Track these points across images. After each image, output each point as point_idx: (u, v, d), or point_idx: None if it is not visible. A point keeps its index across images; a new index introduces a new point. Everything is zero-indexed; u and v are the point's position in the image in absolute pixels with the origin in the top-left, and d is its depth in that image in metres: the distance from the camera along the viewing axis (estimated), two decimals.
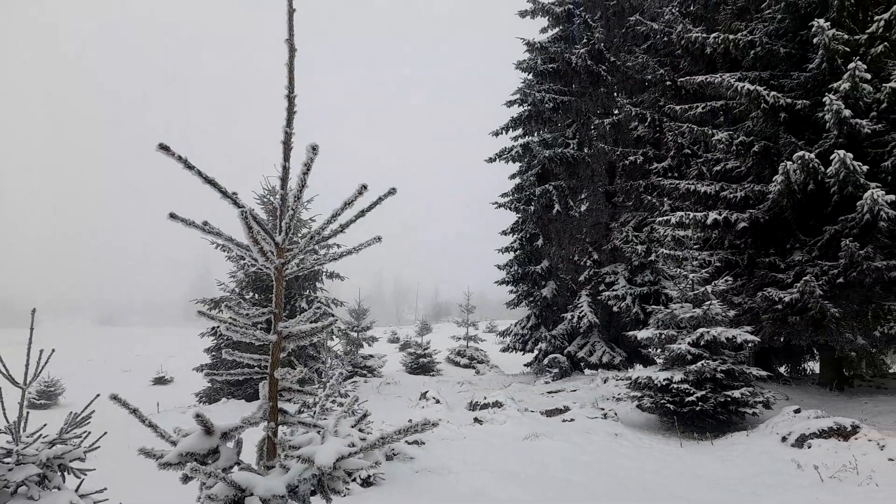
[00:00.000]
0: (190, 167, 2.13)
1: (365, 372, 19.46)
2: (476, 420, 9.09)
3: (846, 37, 11.07)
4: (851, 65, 10.44)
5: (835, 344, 11.02)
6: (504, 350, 20.06)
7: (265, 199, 16.93)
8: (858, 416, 9.23)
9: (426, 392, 12.05)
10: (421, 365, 23.26)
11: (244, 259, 15.93)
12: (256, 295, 16.35)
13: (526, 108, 18.79)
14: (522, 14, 19.61)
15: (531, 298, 18.82)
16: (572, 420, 9.49)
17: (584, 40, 17.22)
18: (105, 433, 4.09)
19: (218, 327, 16.18)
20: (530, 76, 19.22)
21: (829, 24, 10.89)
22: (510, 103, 19.45)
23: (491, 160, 19.66)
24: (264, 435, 2.48)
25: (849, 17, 11.65)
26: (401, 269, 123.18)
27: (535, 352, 18.52)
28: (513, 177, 20.39)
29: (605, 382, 13.24)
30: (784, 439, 7.81)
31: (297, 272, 2.64)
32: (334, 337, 19.26)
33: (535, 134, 19.26)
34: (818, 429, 7.62)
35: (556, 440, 8.08)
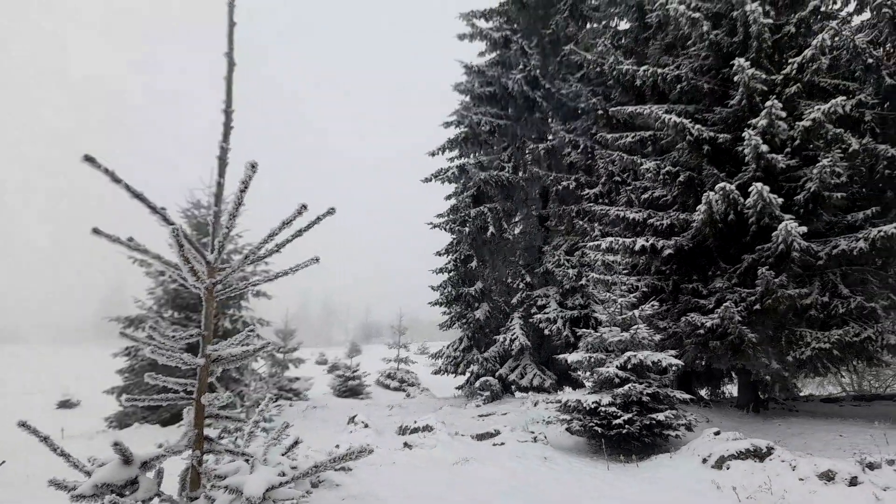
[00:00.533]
0: (117, 180, 1.95)
1: (290, 395, 18.85)
2: (406, 445, 8.88)
3: (764, 76, 11.74)
4: (769, 103, 11.06)
5: (751, 368, 11.48)
6: (436, 372, 19.91)
7: (189, 213, 16.18)
8: (773, 437, 9.60)
9: (355, 416, 11.73)
10: (350, 388, 22.78)
11: (164, 275, 15.15)
12: (176, 313, 15.55)
13: (463, 129, 18.96)
14: (461, 37, 19.87)
15: (464, 320, 18.80)
16: (503, 444, 9.43)
17: (521, 66, 17.58)
18: (3, 462, 3.69)
19: (134, 347, 15.26)
20: (467, 98, 19.44)
21: (748, 63, 11.52)
22: (447, 124, 19.58)
23: (427, 180, 19.66)
24: (188, 464, 2.28)
25: (766, 58, 12.38)
26: (331, 287, 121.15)
27: (467, 374, 18.46)
28: (448, 197, 20.46)
29: (535, 405, 13.30)
30: (705, 461, 8.00)
31: (229, 292, 2.46)
32: (258, 359, 18.59)
33: (472, 156, 19.44)
34: (736, 450, 7.84)
35: (487, 465, 7.98)
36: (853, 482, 6.84)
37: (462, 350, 18.60)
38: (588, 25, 19.10)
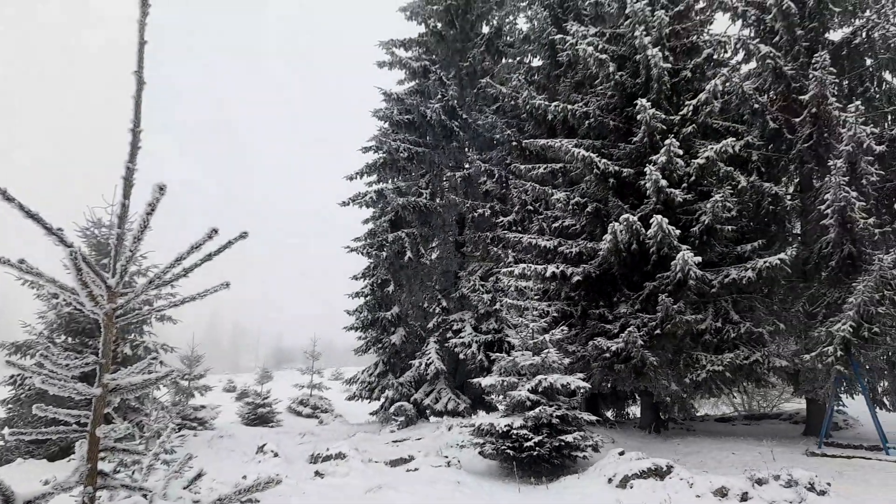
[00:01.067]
0: (9, 199, 1.88)
1: (195, 424, 17.96)
2: (317, 473, 8.70)
3: (663, 116, 12.61)
4: (668, 141, 11.88)
5: (653, 390, 12.09)
6: (350, 398, 19.58)
7: (89, 233, 15.27)
8: (672, 456, 10.13)
9: (264, 445, 11.34)
10: (259, 416, 21.97)
11: (58, 298, 14.16)
12: (70, 339, 14.53)
13: (381, 155, 19.07)
14: (381, 65, 20.10)
15: (380, 345, 18.67)
16: (416, 469, 9.42)
17: (440, 96, 17.97)
18: None
19: (19, 376, 14.10)
20: (386, 125, 19.60)
21: (650, 104, 12.36)
22: (366, 149, 19.63)
23: (345, 204, 19.55)
24: (79, 501, 2.17)
25: (665, 99, 13.31)
26: (242, 311, 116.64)
27: (382, 400, 18.29)
28: (366, 222, 20.42)
29: (449, 430, 13.36)
30: (610, 480, 8.33)
31: (131, 318, 2.39)
32: (161, 386, 17.64)
33: (390, 181, 19.55)
34: (639, 470, 8.22)
35: (400, 491, 7.94)
36: (744, 497, 7.34)
37: (377, 375, 18.44)
38: (503, 60, 19.83)
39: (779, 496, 7.29)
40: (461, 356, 16.63)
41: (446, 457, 10.33)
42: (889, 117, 12.71)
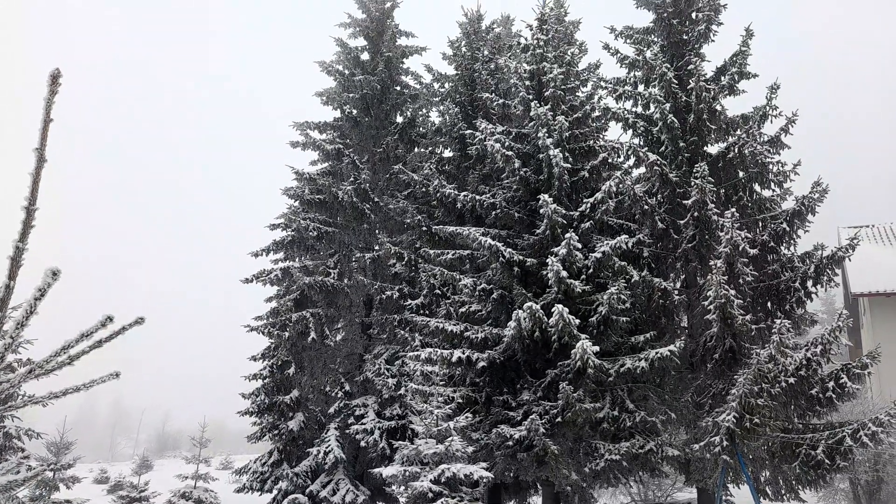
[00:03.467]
0: None
1: None
2: None
3: (564, 211, 13.39)
4: (567, 235, 12.58)
5: (554, 479, 12.12)
6: (239, 490, 18.22)
7: None
8: None
9: None
10: None
11: None
12: None
13: (290, 233, 18.87)
14: (294, 145, 20.27)
15: (276, 431, 17.70)
16: None
17: (352, 178, 18.24)
18: None
19: None
20: (296, 203, 19.54)
21: (552, 199, 13.11)
22: (273, 226, 19.38)
23: (248, 281, 18.99)
24: None
25: (566, 196, 14.20)
26: (121, 391, 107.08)
27: (275, 492, 17.12)
28: (269, 300, 19.83)
29: None
30: None
31: (2, 411, 2.19)
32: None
33: (297, 259, 19.27)
34: None
35: None
36: None
37: (271, 464, 17.36)
38: (416, 149, 20.56)
39: None
40: (362, 443, 16.06)
41: None
42: (760, 224, 14.16)
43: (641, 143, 15.62)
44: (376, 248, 18.59)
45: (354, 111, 20.56)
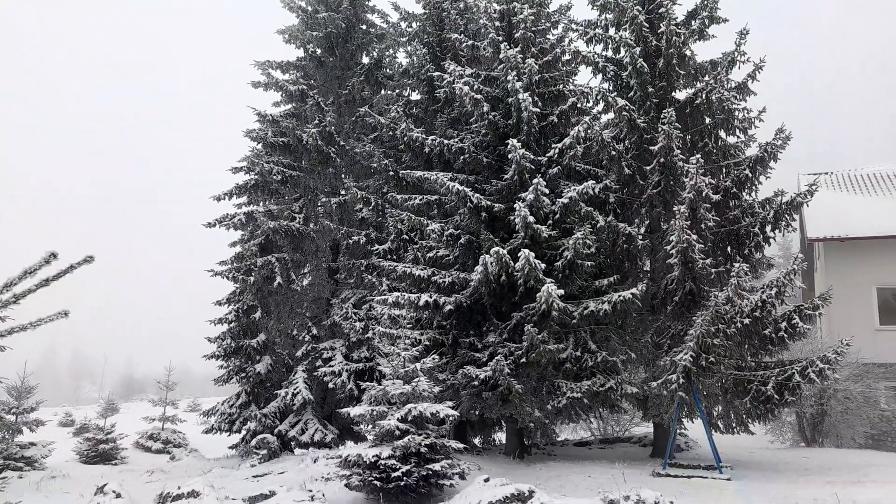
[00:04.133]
0: None
1: (22, 464, 15.97)
2: None
3: (532, 157, 13.36)
4: (535, 180, 12.60)
5: (518, 416, 12.53)
6: (207, 431, 18.36)
7: None
8: (534, 481, 10.48)
9: (104, 485, 10.29)
10: (101, 452, 19.92)
11: None
12: None
13: (253, 176, 18.43)
14: (255, 85, 19.56)
15: (244, 374, 17.75)
16: None
17: (317, 121, 17.78)
18: None
19: None
20: (259, 146, 19.03)
21: (520, 144, 13.05)
22: (236, 170, 18.88)
23: (210, 225, 18.60)
24: None
25: (535, 141, 14.14)
26: (85, 337, 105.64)
27: (243, 432, 17.32)
28: (234, 245, 19.52)
29: (315, 462, 12.94)
30: None
31: None
32: None
33: (261, 204, 18.91)
34: (503, 496, 8.43)
35: None
36: None
37: (239, 406, 17.48)
38: (383, 91, 20.05)
39: None
40: (331, 385, 16.25)
41: (310, 490, 9.97)
42: (724, 170, 14.39)
43: (611, 87, 15.54)
44: (342, 192, 18.33)
45: (318, 51, 19.86)
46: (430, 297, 12.99)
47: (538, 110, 13.94)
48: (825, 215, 18.34)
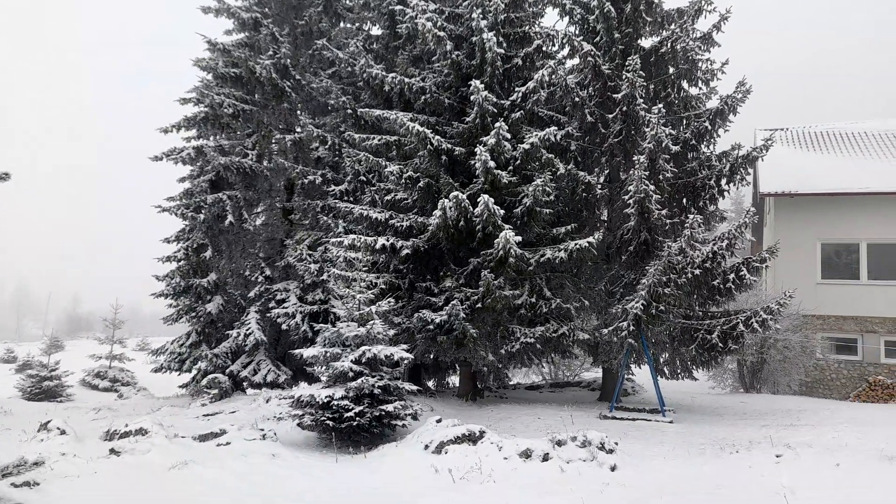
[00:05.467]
0: None
1: None
2: (113, 451, 7.86)
3: (495, 100, 13.06)
4: (497, 124, 12.34)
5: (472, 360, 12.66)
6: (157, 370, 18.07)
7: None
8: (486, 422, 10.68)
9: (48, 421, 9.99)
10: (45, 390, 19.50)
11: None
12: None
13: (203, 109, 17.55)
14: (205, 10, 18.41)
15: (194, 314, 17.39)
16: (228, 444, 8.90)
17: (271, 52, 16.93)
18: None
19: None
20: (210, 77, 18.08)
21: (483, 86, 12.70)
22: (185, 101, 17.95)
23: (157, 159, 17.76)
24: None
25: (498, 83, 13.79)
26: (28, 271, 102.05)
27: (194, 372, 17.10)
28: (182, 180, 18.76)
29: (267, 402, 12.87)
30: (427, 447, 8.56)
31: None
32: None
33: (212, 138, 18.11)
34: (454, 436, 8.54)
35: (208, 467, 7.46)
36: (546, 458, 7.95)
37: (189, 346, 17.19)
38: (342, 24, 19.20)
39: (574, 455, 8.03)
40: (284, 327, 16.07)
41: (262, 430, 9.90)
42: (684, 121, 14.40)
43: (577, 32, 15.21)
44: (298, 129, 17.68)
45: None
46: (388, 241, 12.80)
47: (503, 51, 13.55)
48: (778, 171, 18.71)
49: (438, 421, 9.27)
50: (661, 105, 12.74)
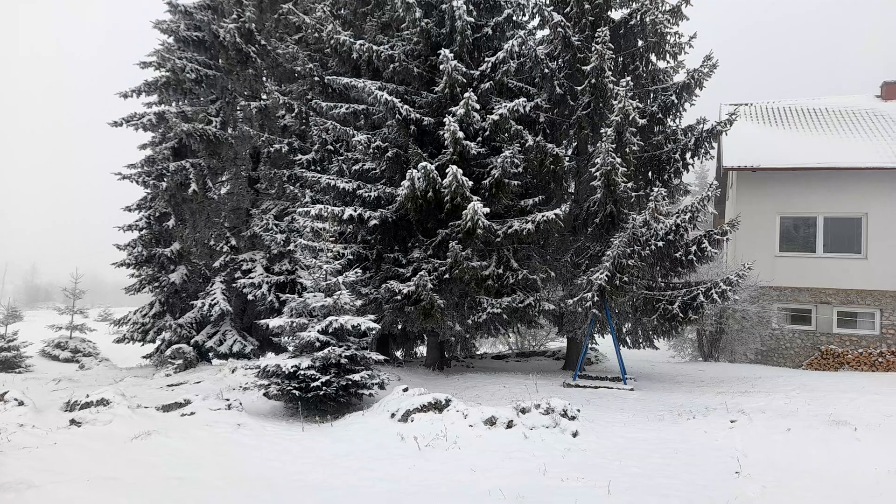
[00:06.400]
0: None
1: None
2: (73, 422, 7.77)
3: (464, 70, 12.93)
4: (467, 94, 12.25)
5: (439, 330, 12.76)
6: (119, 341, 17.81)
7: None
8: (452, 391, 10.82)
9: (5, 392, 9.80)
10: (3, 360, 19.07)
11: None
12: None
13: (164, 73, 17.00)
14: None
15: (157, 284, 17.11)
16: (193, 414, 8.87)
17: (235, 16, 16.43)
18: None
19: None
20: (171, 40, 17.49)
21: (452, 55, 12.56)
22: (145, 65, 17.36)
23: (117, 124, 17.22)
24: None
25: (467, 53, 13.65)
26: None
27: (158, 342, 16.89)
28: (143, 147, 18.25)
29: (233, 372, 12.83)
30: (393, 415, 8.65)
31: None
32: None
33: (174, 104, 17.61)
34: (420, 404, 8.64)
35: (172, 437, 7.43)
36: (510, 425, 8.11)
37: (153, 316, 16.95)
38: None
39: (538, 422, 8.21)
40: (250, 297, 15.93)
41: (227, 399, 9.88)
42: (652, 95, 14.49)
43: (548, 2, 15.07)
44: (263, 97, 17.29)
45: None
46: (355, 211, 12.71)
47: (473, 20, 13.39)
48: (741, 145, 19.03)
49: (405, 390, 9.36)
50: (629, 78, 12.80)
